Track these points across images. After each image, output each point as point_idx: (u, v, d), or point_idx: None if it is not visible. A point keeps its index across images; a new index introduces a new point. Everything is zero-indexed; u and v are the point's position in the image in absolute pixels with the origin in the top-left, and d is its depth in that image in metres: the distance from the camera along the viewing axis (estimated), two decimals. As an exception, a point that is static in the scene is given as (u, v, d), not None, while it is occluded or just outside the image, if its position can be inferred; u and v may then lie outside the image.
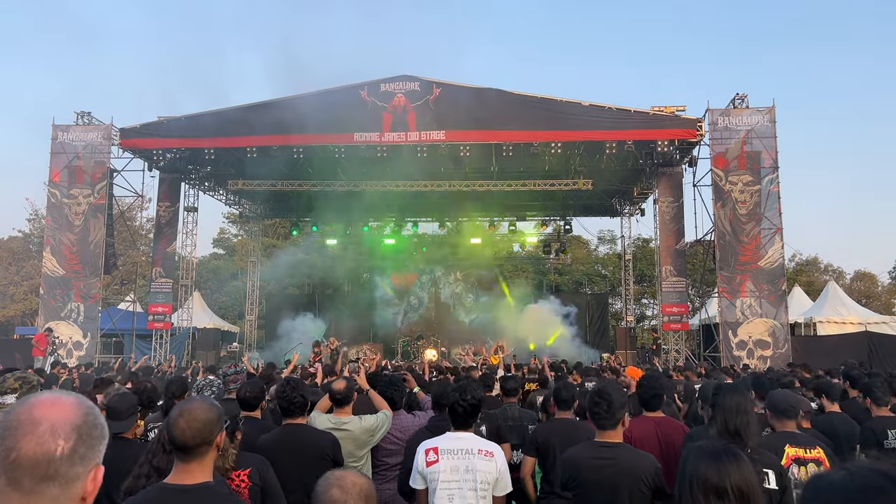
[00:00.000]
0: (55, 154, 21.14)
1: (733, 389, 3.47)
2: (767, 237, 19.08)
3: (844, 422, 5.45)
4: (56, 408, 1.29)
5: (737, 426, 3.22)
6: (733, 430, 3.22)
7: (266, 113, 19.88)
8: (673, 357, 20.93)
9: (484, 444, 3.79)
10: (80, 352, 20.37)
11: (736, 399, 3.32)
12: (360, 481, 1.99)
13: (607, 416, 3.59)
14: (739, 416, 3.25)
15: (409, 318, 28.87)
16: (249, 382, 5.55)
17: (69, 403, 1.32)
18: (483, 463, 3.66)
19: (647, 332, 35.31)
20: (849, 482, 1.05)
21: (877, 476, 1.03)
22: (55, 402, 1.31)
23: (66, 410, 1.30)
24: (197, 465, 2.48)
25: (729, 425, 3.24)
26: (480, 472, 3.63)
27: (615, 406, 3.59)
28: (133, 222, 36.09)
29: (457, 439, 3.79)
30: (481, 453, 3.71)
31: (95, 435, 1.32)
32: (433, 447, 3.74)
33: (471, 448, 3.72)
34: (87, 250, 20.92)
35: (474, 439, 3.80)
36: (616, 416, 3.57)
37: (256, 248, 29.88)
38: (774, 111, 19.51)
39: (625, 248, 28.83)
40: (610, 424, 3.60)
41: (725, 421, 3.25)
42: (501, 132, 19.57)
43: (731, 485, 2.17)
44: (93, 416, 1.34)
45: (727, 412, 3.27)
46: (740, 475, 2.20)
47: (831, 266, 48.61)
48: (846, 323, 23.58)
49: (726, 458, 2.25)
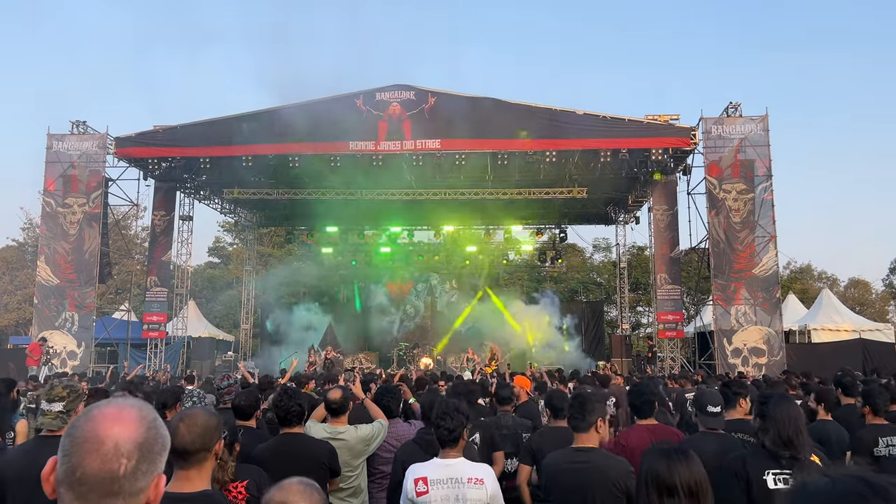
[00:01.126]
0: (50, 163, 21.12)
1: (782, 399, 3.48)
2: (761, 245, 19.17)
3: (836, 429, 5.48)
4: (120, 424, 1.31)
5: (790, 435, 3.23)
6: (787, 439, 3.23)
7: (261, 122, 19.95)
8: (668, 365, 20.96)
9: (473, 472, 3.71)
10: (74, 361, 20.27)
11: (787, 408, 3.33)
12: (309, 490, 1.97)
13: (580, 418, 3.65)
14: (791, 424, 3.25)
15: (405, 327, 28.86)
16: (244, 391, 5.56)
17: (133, 418, 1.33)
18: (473, 492, 3.63)
19: (642, 340, 35.35)
20: (831, 489, 1.06)
21: (858, 483, 1.05)
22: (119, 417, 1.32)
23: (130, 427, 1.32)
24: (196, 472, 2.50)
25: (783, 434, 3.24)
26: (472, 502, 3.61)
27: (587, 409, 3.65)
28: (128, 231, 36.02)
29: (446, 467, 3.71)
30: (471, 482, 3.65)
31: (157, 449, 1.35)
32: (422, 477, 3.66)
33: (460, 477, 3.66)
34: (82, 259, 20.87)
35: (463, 466, 3.73)
36: (588, 419, 3.63)
37: (252, 256, 29.86)
38: (767, 120, 19.64)
39: (620, 256, 28.90)
40: (583, 427, 3.66)
41: (779, 431, 3.25)
42: (496, 141, 19.66)
43: (681, 482, 2.27)
44: (154, 429, 1.37)
45: (780, 422, 3.26)
46: (690, 473, 2.30)
47: (825, 273, 48.85)
48: (840, 330, 23.65)
49: (677, 457, 2.36)
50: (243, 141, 19.99)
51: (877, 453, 4.88)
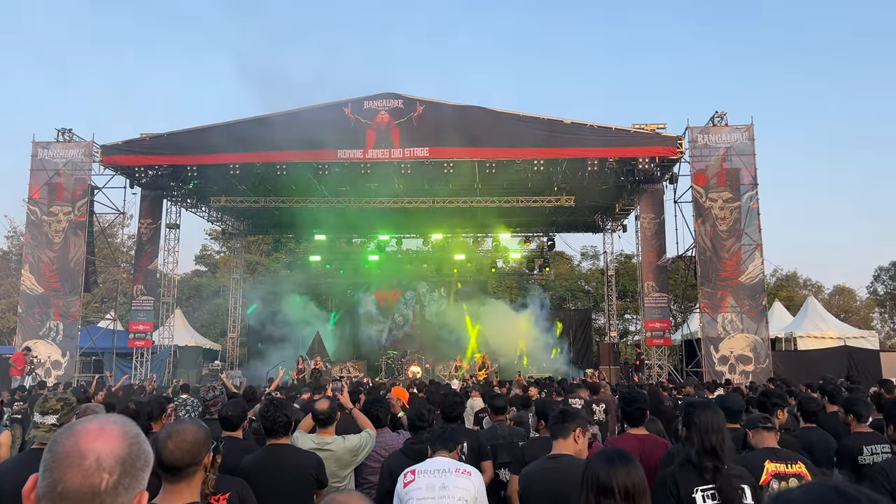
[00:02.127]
0: (35, 171, 20.95)
1: (706, 406, 3.49)
2: (748, 253, 19.31)
3: (820, 437, 5.51)
4: (102, 439, 1.30)
5: (713, 444, 3.24)
6: (709, 447, 3.24)
7: (249, 130, 19.90)
8: (656, 372, 21.03)
9: (462, 465, 3.82)
10: (58, 371, 20.06)
11: (709, 416, 3.33)
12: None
13: (556, 424, 3.72)
14: (714, 433, 3.26)
15: (393, 335, 28.80)
16: (231, 402, 5.52)
17: (115, 433, 1.32)
18: (460, 480, 3.67)
19: (630, 348, 35.45)
20: (803, 499, 1.09)
21: (830, 492, 1.07)
22: (101, 431, 1.31)
23: (112, 442, 1.31)
24: (185, 485, 2.49)
25: (705, 443, 3.25)
26: (458, 489, 3.63)
27: (568, 417, 3.71)
28: (114, 239, 35.73)
29: (434, 461, 3.84)
30: (458, 471, 3.73)
31: (139, 465, 1.34)
32: (411, 470, 3.79)
33: (448, 468, 3.74)
34: (67, 268, 20.69)
35: (453, 462, 3.83)
36: (567, 425, 3.67)
37: (239, 264, 29.72)
38: (753, 129, 19.82)
39: (607, 263, 29.02)
40: (561, 433, 3.70)
41: (702, 439, 3.26)
42: (485, 149, 19.72)
43: (618, 484, 2.36)
44: (137, 444, 1.35)
45: (702, 430, 3.28)
46: (628, 476, 2.38)
47: (810, 281, 49.26)
48: (826, 338, 23.81)
49: (618, 460, 2.45)
50: (231, 149, 19.93)
51: (861, 462, 4.89)
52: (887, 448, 5.02)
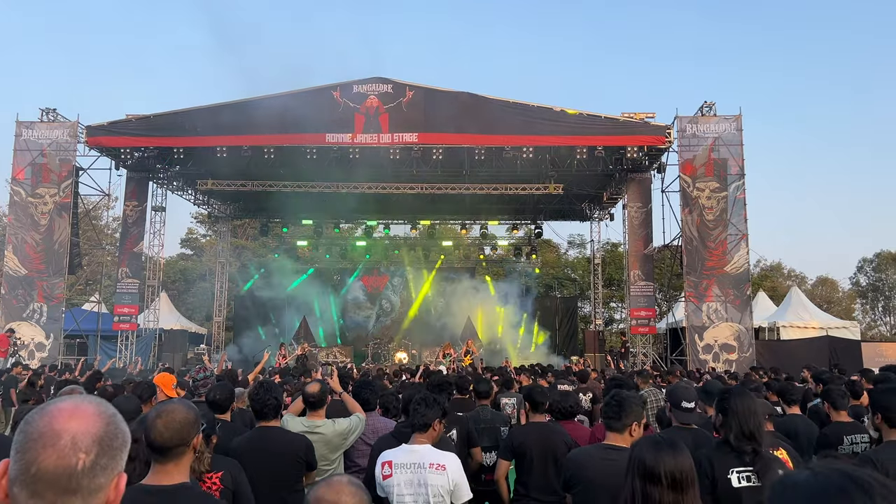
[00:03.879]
0: (19, 151, 20.67)
1: (742, 392, 3.51)
2: (733, 243, 19.45)
3: (805, 424, 5.59)
4: (76, 418, 1.25)
5: (751, 428, 3.27)
6: (748, 433, 3.27)
7: (236, 112, 19.72)
8: (641, 360, 21.20)
9: (436, 458, 3.80)
10: (42, 353, 19.92)
11: (746, 401, 3.37)
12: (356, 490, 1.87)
13: (616, 418, 3.64)
14: (752, 417, 3.30)
15: (381, 322, 28.78)
16: (218, 385, 5.52)
17: (90, 413, 1.28)
18: (435, 477, 3.72)
19: (615, 336, 35.69)
20: (812, 483, 1.08)
21: (839, 477, 1.06)
22: (75, 411, 1.26)
23: (87, 421, 1.26)
24: (174, 466, 2.48)
25: (744, 427, 3.28)
26: (432, 486, 3.69)
27: (625, 411, 3.63)
28: (99, 221, 35.43)
29: (411, 452, 3.81)
30: (433, 467, 3.74)
31: (117, 445, 1.29)
32: (388, 461, 3.79)
33: (422, 462, 3.76)
34: (52, 250, 20.48)
35: (427, 452, 3.82)
36: (624, 420, 3.61)
37: (225, 248, 29.54)
38: (741, 119, 19.91)
39: (594, 252, 29.13)
40: (618, 427, 3.64)
41: (741, 425, 3.29)
42: (474, 136, 19.67)
43: (665, 471, 2.31)
44: (114, 424, 1.31)
45: (741, 416, 3.30)
46: (675, 463, 2.33)
47: (794, 272, 49.75)
48: (808, 328, 24.08)
49: (666, 447, 2.40)
50: (218, 131, 19.77)
51: (841, 451, 4.97)
52: (867, 438, 5.11)
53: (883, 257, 48.84)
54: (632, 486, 2.33)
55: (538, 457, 4.76)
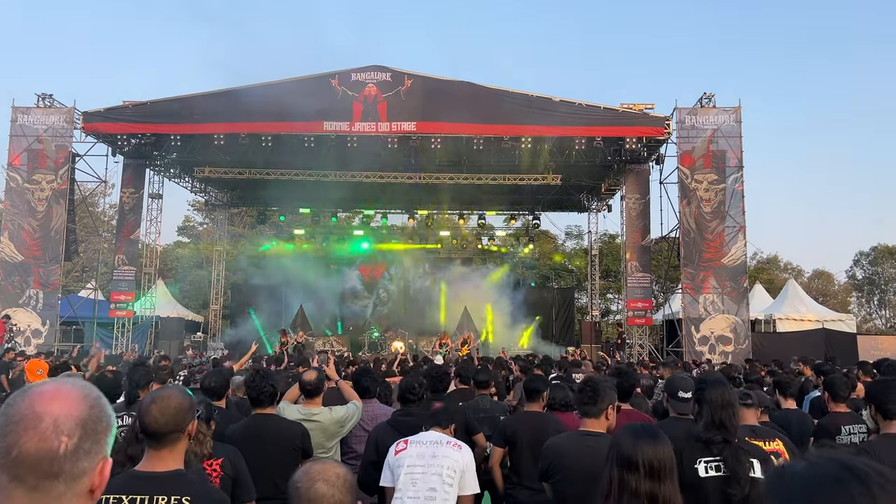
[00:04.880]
0: (15, 137, 20.57)
1: (716, 383, 3.51)
2: (731, 235, 19.45)
3: (799, 417, 5.61)
4: (59, 401, 1.23)
5: (722, 419, 3.27)
6: (719, 422, 3.27)
7: (234, 100, 19.62)
8: (637, 351, 21.24)
9: (454, 440, 3.90)
10: (38, 340, 19.90)
11: (719, 392, 3.37)
12: (342, 472, 1.97)
13: (591, 404, 3.64)
14: (724, 409, 3.30)
15: (378, 311, 28.76)
16: (214, 371, 5.52)
17: (73, 395, 1.25)
18: (451, 451, 3.74)
19: (612, 327, 35.77)
20: (809, 472, 1.07)
21: (836, 466, 1.06)
22: (58, 393, 1.24)
23: (70, 404, 1.23)
24: (168, 452, 2.46)
25: (715, 418, 3.28)
26: (448, 459, 3.70)
27: (599, 395, 3.63)
28: (95, 208, 35.34)
29: (428, 434, 3.92)
30: (450, 444, 3.81)
31: (101, 429, 1.26)
32: (405, 440, 3.87)
33: (440, 440, 3.83)
34: (48, 236, 20.43)
35: (445, 436, 3.92)
36: (599, 405, 3.62)
37: (222, 236, 29.48)
38: (740, 111, 19.88)
39: (591, 243, 29.13)
40: (594, 412, 3.64)
41: (711, 414, 3.30)
42: (472, 125, 19.61)
43: (643, 459, 2.30)
44: (98, 407, 1.28)
45: (713, 405, 3.31)
46: (653, 452, 2.33)
47: (791, 264, 49.87)
48: (804, 320, 24.17)
49: (644, 435, 2.40)
50: (216, 119, 19.70)
51: (839, 441, 4.98)
52: (864, 428, 5.12)
53: (879, 251, 48.96)
54: (609, 473, 2.33)
55: (529, 446, 4.75)
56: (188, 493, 2.40)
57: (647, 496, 2.26)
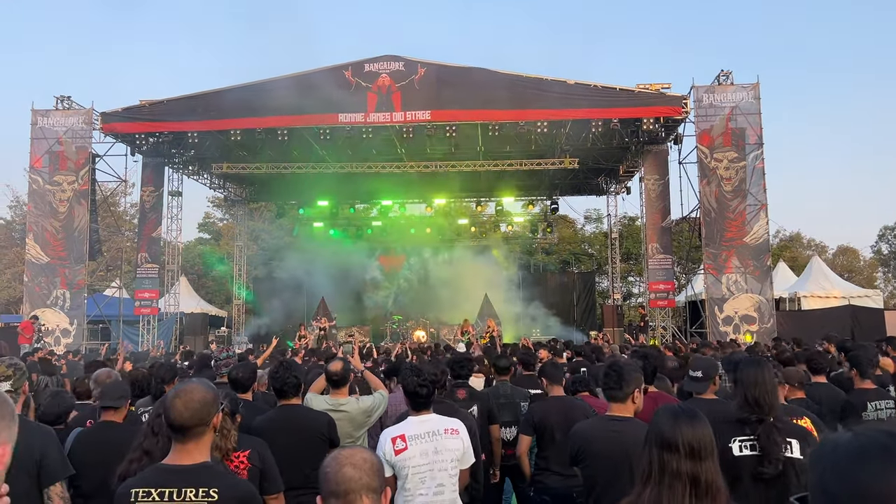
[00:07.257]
0: (35, 139, 20.85)
1: (750, 362, 3.52)
2: (752, 213, 19.22)
3: (829, 392, 5.55)
4: None
5: (755, 397, 3.28)
6: (752, 401, 3.29)
7: (249, 95, 19.70)
8: (660, 333, 21.11)
9: (448, 423, 3.86)
10: (67, 339, 20.24)
11: (753, 371, 3.38)
12: (369, 456, 2.00)
13: (616, 388, 3.65)
14: (758, 387, 3.31)
15: (399, 301, 28.86)
16: (241, 364, 5.57)
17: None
18: (450, 441, 3.76)
19: (633, 310, 35.58)
20: (854, 442, 1.09)
21: (882, 435, 1.07)
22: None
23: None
24: (194, 446, 2.49)
25: (748, 397, 3.30)
26: (450, 452, 3.73)
27: (624, 379, 3.63)
28: (117, 207, 35.72)
29: (421, 423, 3.84)
30: (447, 432, 3.80)
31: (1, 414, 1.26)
32: (399, 435, 3.76)
33: (437, 429, 3.80)
34: (72, 237, 20.72)
35: (438, 419, 3.88)
36: (625, 389, 3.62)
37: (242, 231, 29.72)
38: (759, 88, 19.57)
39: (611, 226, 28.93)
40: (620, 397, 3.65)
41: (745, 393, 3.32)
42: (487, 112, 19.48)
43: (683, 441, 2.30)
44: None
45: (746, 385, 3.33)
46: (693, 433, 2.32)
47: (814, 241, 49.20)
48: (829, 297, 23.86)
49: (683, 416, 2.39)
50: (231, 114, 19.79)
51: (866, 417, 4.93)
52: (892, 404, 5.05)
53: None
54: (649, 455, 2.32)
55: (559, 431, 4.75)
56: (216, 485, 2.42)
57: (688, 475, 2.25)
